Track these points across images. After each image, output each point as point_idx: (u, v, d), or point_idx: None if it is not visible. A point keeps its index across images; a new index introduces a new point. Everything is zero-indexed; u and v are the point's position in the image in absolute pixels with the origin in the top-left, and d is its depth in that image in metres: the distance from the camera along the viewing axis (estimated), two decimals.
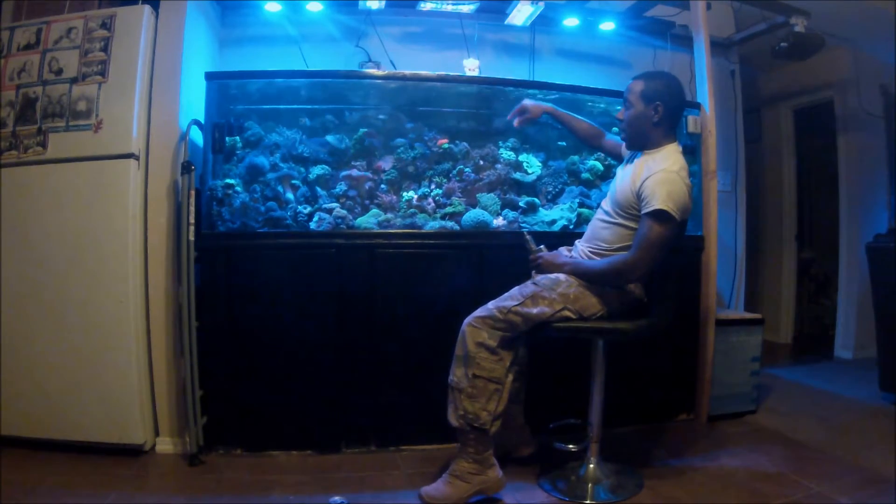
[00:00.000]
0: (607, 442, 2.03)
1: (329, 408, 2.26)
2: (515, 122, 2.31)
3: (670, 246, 1.80)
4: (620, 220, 1.90)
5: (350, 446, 2.28)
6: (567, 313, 1.83)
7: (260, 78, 2.55)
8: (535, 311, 1.80)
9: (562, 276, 1.88)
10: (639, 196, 1.82)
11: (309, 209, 2.36)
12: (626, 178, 1.92)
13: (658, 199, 1.75)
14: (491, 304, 1.85)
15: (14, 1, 2.38)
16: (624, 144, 2.12)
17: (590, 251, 1.97)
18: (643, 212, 1.79)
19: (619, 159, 2.24)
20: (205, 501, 1.87)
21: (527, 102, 2.29)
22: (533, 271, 1.99)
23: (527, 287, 1.88)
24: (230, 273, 2.20)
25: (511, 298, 1.84)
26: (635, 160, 1.95)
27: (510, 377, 1.84)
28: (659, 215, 1.75)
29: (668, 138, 1.92)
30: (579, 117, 2.32)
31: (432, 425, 2.10)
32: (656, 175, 1.79)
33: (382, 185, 2.54)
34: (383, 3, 2.80)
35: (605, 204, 2.00)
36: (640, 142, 1.95)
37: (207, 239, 2.19)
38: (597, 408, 1.98)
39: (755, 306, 4.17)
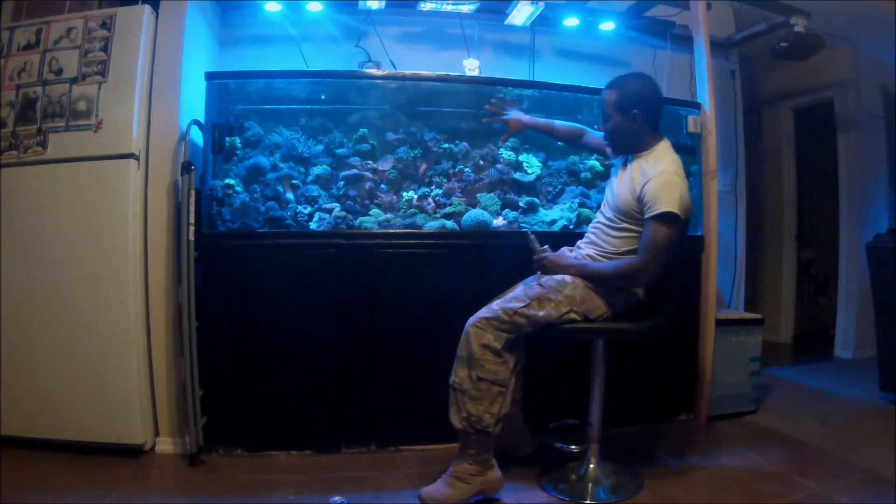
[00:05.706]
0: (607, 442, 2.03)
1: (329, 408, 2.26)
2: (485, 120, 2.36)
3: (677, 248, 1.80)
4: (624, 225, 1.89)
5: (350, 446, 2.28)
6: (573, 315, 1.82)
7: (260, 78, 2.56)
8: (541, 313, 1.79)
9: (568, 278, 1.87)
10: (640, 200, 1.81)
11: (309, 209, 2.36)
12: (623, 183, 1.91)
13: (662, 203, 1.75)
14: (495, 305, 1.83)
15: (14, 1, 2.37)
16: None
17: (595, 254, 1.96)
18: (647, 216, 1.78)
19: (605, 155, 2.24)
20: (205, 501, 1.87)
21: (511, 117, 2.32)
22: (538, 272, 1.97)
23: (532, 289, 1.86)
24: (230, 273, 2.20)
25: (516, 300, 1.82)
26: (629, 164, 1.94)
27: (513, 379, 1.83)
28: (665, 218, 1.75)
29: (655, 138, 1.91)
30: (558, 122, 2.33)
31: (432, 425, 2.10)
32: (656, 178, 1.79)
33: (382, 185, 2.54)
34: (383, 3, 2.80)
35: (605, 209, 1.99)
36: (627, 149, 1.95)
37: (207, 239, 2.19)
38: (597, 408, 1.98)
39: (755, 306, 4.17)
